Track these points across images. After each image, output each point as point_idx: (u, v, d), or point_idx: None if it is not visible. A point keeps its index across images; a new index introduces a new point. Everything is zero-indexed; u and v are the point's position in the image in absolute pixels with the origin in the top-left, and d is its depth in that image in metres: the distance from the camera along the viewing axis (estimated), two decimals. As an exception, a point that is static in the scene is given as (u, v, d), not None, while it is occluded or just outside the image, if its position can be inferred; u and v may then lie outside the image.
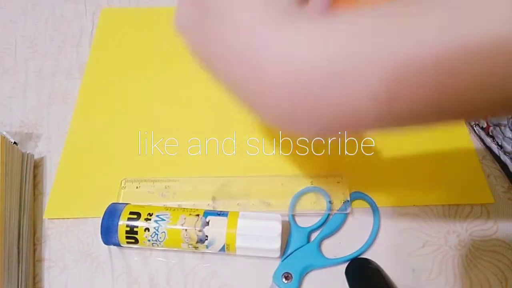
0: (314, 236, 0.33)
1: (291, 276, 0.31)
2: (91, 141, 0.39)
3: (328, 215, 0.34)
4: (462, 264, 0.32)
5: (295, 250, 0.32)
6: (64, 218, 0.34)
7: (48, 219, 0.34)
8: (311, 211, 0.34)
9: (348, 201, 0.34)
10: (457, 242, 0.33)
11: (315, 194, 0.35)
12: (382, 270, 0.30)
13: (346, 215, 0.34)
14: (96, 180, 0.36)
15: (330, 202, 0.34)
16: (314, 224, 0.33)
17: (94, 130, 0.39)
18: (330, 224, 0.33)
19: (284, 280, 0.31)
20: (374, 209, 0.34)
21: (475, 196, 0.35)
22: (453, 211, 0.34)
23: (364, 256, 0.32)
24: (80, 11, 0.49)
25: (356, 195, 0.35)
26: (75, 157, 0.38)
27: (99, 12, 0.49)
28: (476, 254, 0.32)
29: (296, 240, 0.33)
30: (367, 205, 0.35)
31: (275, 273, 0.31)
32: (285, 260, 0.32)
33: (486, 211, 0.34)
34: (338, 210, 0.34)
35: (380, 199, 0.34)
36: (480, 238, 0.33)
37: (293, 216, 0.34)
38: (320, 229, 0.33)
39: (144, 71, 0.43)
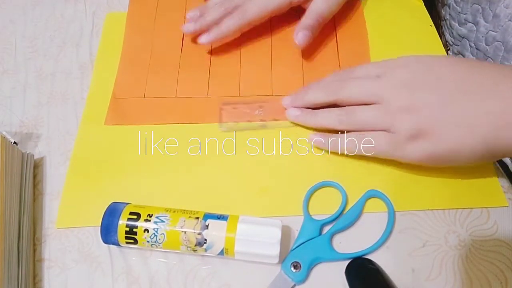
0: (326, 229, 0.33)
1: (300, 265, 0.31)
2: (99, 148, 0.38)
3: (343, 210, 0.34)
4: (462, 264, 0.32)
5: (306, 241, 0.32)
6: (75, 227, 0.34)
7: (48, 219, 0.35)
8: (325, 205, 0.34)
9: (364, 198, 0.34)
10: (457, 242, 0.33)
11: (331, 188, 0.35)
12: (382, 270, 0.30)
13: (361, 212, 0.34)
14: (105, 187, 0.36)
15: (345, 197, 0.34)
16: (327, 218, 0.33)
17: (102, 138, 0.39)
18: (344, 219, 0.33)
19: (292, 268, 0.31)
20: (390, 208, 0.34)
21: (489, 199, 0.34)
22: (453, 211, 0.34)
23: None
24: (80, 11, 0.49)
25: (372, 193, 0.35)
26: (83, 164, 0.37)
27: (99, 12, 0.49)
28: (476, 254, 0.32)
29: (308, 231, 0.33)
30: (383, 204, 0.34)
31: (284, 261, 0.31)
32: (295, 249, 0.32)
33: (486, 211, 0.34)
34: (353, 206, 0.34)
35: (394, 202, 0.34)
36: (480, 238, 0.33)
37: (307, 208, 0.34)
38: (333, 223, 0.33)
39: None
